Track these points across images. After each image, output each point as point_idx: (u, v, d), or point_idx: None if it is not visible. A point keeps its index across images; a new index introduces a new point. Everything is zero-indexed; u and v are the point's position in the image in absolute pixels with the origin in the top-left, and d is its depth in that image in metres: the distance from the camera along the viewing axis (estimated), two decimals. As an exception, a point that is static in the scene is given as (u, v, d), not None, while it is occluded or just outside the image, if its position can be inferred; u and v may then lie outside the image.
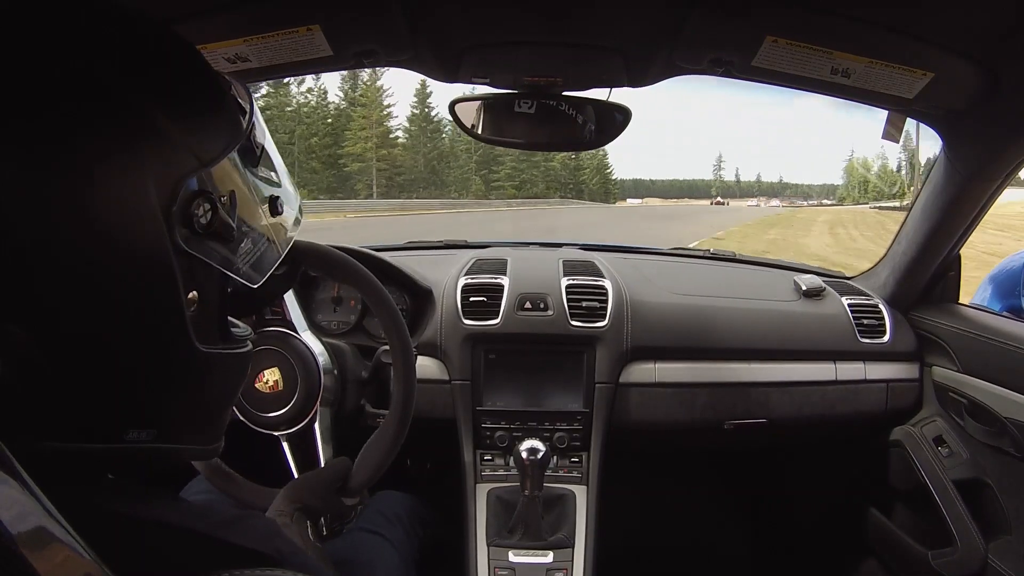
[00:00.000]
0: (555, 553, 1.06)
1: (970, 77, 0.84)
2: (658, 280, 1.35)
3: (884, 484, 1.36)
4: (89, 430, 0.37)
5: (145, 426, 0.39)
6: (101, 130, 0.34)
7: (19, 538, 0.24)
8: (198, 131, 0.38)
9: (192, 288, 0.39)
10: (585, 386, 1.17)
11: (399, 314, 0.80)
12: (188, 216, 0.37)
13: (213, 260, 0.40)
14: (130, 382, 0.38)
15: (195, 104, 0.39)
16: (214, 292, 0.42)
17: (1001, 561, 1.10)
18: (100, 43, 0.35)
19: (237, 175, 0.41)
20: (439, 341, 1.17)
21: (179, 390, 0.41)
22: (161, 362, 0.39)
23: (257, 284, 0.44)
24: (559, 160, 38.60)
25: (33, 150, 0.32)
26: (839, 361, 1.25)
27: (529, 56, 0.94)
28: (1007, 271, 1.48)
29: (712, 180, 57.11)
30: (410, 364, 0.80)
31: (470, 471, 1.16)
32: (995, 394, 1.09)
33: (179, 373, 0.40)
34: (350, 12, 0.82)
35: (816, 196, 53.15)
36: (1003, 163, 1.01)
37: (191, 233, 0.37)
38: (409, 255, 1.49)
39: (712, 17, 0.80)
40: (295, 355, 0.85)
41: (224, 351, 0.43)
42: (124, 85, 0.35)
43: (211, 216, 0.38)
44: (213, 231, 0.38)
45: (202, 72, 0.41)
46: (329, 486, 0.77)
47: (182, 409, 0.42)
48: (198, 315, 0.40)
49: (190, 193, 0.37)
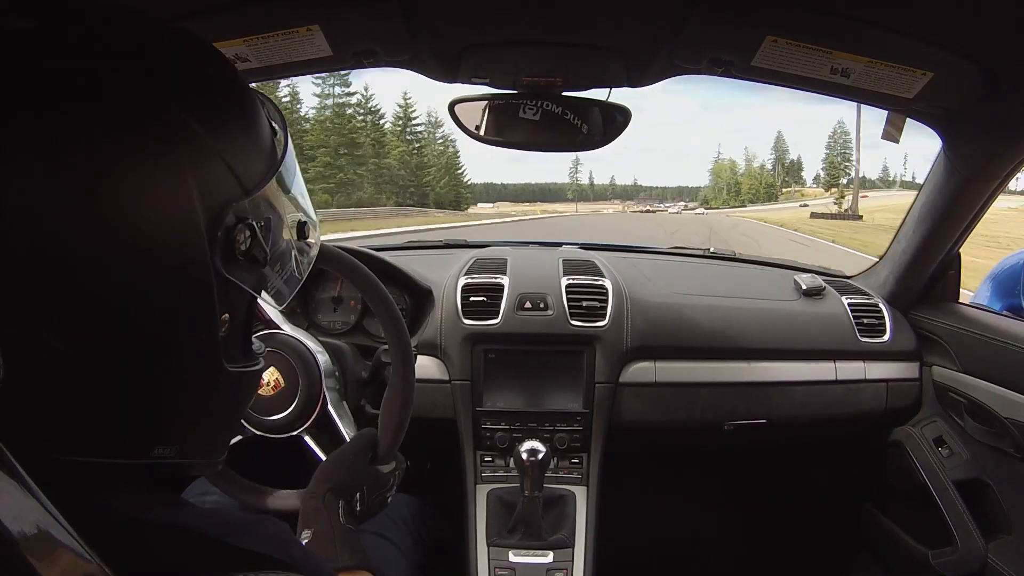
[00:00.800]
0: (555, 553, 1.06)
1: (970, 77, 0.84)
2: (658, 279, 1.35)
3: (884, 484, 1.36)
4: (120, 445, 0.37)
5: (171, 443, 0.40)
6: (144, 141, 0.34)
7: (21, 541, 0.24)
8: (239, 152, 0.38)
9: (225, 310, 0.39)
10: (585, 386, 1.17)
11: (398, 311, 0.80)
12: (229, 242, 0.38)
13: (247, 284, 0.40)
14: (162, 399, 0.38)
15: (235, 123, 0.39)
16: (243, 313, 0.42)
17: (1001, 561, 1.10)
18: (140, 55, 0.36)
19: (273, 201, 0.42)
20: (439, 341, 1.17)
21: (205, 408, 0.42)
22: (192, 381, 0.39)
23: (283, 305, 0.45)
24: (396, 155, 30.03)
25: (77, 163, 0.32)
26: (839, 360, 1.25)
27: (529, 56, 0.94)
28: (1007, 270, 1.48)
29: (568, 184, 54.86)
30: (405, 340, 0.79)
31: (470, 471, 1.16)
32: (995, 394, 1.09)
33: (207, 392, 0.41)
34: (350, 12, 0.82)
35: (672, 198, 52.46)
36: (1002, 163, 1.01)
37: (231, 258, 0.38)
38: (409, 255, 1.49)
39: (712, 17, 0.80)
40: (294, 355, 0.85)
41: (245, 369, 0.44)
42: (166, 99, 0.35)
43: (250, 243, 0.39)
44: (250, 256, 0.39)
45: (241, 90, 0.41)
46: (358, 458, 0.75)
47: (204, 426, 0.43)
48: (228, 336, 0.40)
49: (233, 220, 0.37)
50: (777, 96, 73.99)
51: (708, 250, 1.67)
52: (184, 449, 0.41)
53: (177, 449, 0.40)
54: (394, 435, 0.77)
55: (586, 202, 52.94)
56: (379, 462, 0.77)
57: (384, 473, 0.77)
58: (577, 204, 50.56)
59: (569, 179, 55.15)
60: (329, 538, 0.65)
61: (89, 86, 0.32)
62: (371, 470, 0.75)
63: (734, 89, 55.29)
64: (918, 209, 1.19)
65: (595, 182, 58.17)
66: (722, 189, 51.56)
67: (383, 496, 0.77)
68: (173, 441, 0.40)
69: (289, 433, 0.84)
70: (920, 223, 1.19)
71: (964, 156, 1.03)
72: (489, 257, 1.33)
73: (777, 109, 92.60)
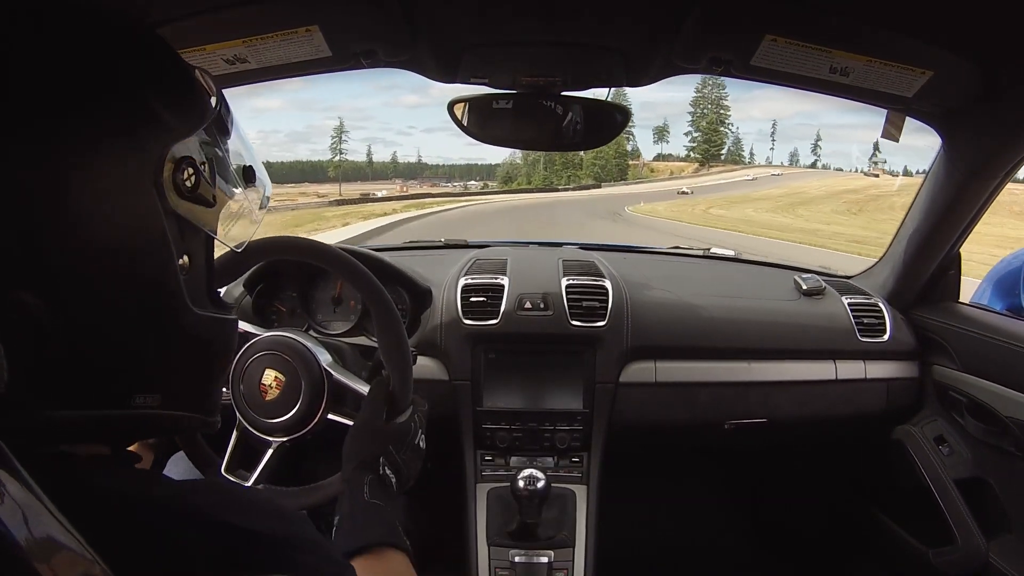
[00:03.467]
0: (555, 552, 1.06)
1: (969, 76, 0.84)
2: (658, 279, 1.35)
3: (885, 483, 1.36)
4: (100, 396, 0.39)
5: (151, 390, 0.41)
6: (96, 112, 0.37)
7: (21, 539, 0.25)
8: (176, 110, 0.42)
9: (182, 252, 0.42)
10: (585, 386, 1.17)
11: (394, 307, 0.79)
12: (175, 182, 0.41)
13: (201, 224, 0.43)
14: (134, 345, 0.40)
15: (176, 85, 0.43)
16: (202, 257, 0.45)
17: (1002, 559, 1.10)
18: (106, 48, 0.39)
19: (214, 145, 0.45)
20: (439, 341, 1.17)
21: (178, 353, 0.43)
22: (161, 325, 0.41)
23: (241, 248, 0.49)
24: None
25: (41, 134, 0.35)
26: (839, 360, 1.25)
27: (528, 56, 0.94)
28: (1007, 270, 1.48)
29: (329, 161, 45.09)
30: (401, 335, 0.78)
31: (471, 471, 1.16)
32: (995, 393, 1.08)
33: (177, 336, 0.43)
34: (349, 12, 0.82)
35: (461, 178, 45.38)
36: (1002, 161, 1.01)
37: (179, 197, 0.41)
38: (409, 255, 1.49)
39: (711, 16, 0.80)
40: (293, 355, 0.84)
41: (215, 315, 0.46)
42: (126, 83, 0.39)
43: (195, 180, 0.42)
44: (197, 196, 0.42)
45: (178, 61, 0.44)
46: (369, 422, 0.73)
47: (182, 374, 0.44)
48: (190, 279, 0.43)
49: (176, 160, 0.41)
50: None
51: (708, 250, 1.67)
52: (167, 398, 0.42)
53: (159, 398, 0.42)
54: (402, 381, 0.76)
55: (361, 182, 43.16)
56: (396, 413, 0.74)
57: (402, 423, 0.74)
58: (341, 185, 40.24)
59: (332, 153, 46.55)
60: (352, 518, 0.62)
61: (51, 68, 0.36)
62: (388, 428, 0.73)
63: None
64: (918, 208, 1.19)
65: (374, 159, 50.84)
66: (538, 163, 39.60)
67: (412, 445, 0.74)
68: (153, 389, 0.42)
69: (311, 424, 0.82)
70: (920, 222, 1.19)
71: (964, 155, 1.03)
72: (489, 257, 1.33)
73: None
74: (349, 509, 0.63)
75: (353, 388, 0.81)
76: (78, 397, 0.38)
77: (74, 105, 0.36)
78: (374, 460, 0.69)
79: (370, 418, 0.73)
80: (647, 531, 1.60)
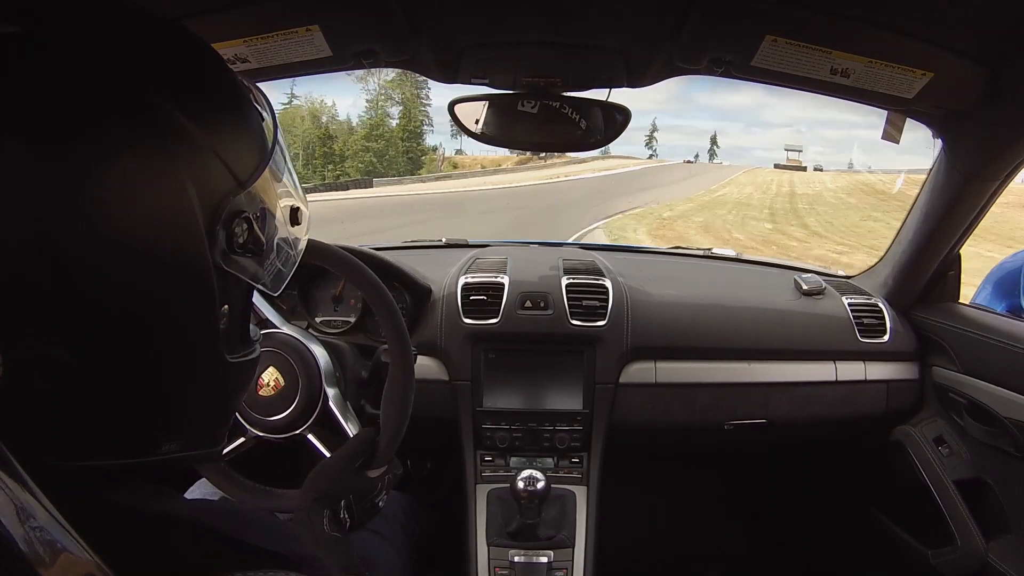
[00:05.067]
0: (555, 553, 1.06)
1: (970, 77, 0.84)
2: (658, 279, 1.35)
3: (884, 484, 1.36)
4: (129, 446, 0.38)
5: (177, 437, 0.40)
6: (137, 140, 0.33)
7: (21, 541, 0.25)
8: (231, 145, 0.38)
9: (224, 302, 0.39)
10: (585, 386, 1.17)
11: (398, 310, 0.80)
12: (228, 236, 0.37)
13: (245, 276, 0.40)
14: (168, 397, 0.39)
15: (226, 116, 0.39)
16: (240, 304, 0.42)
17: (1001, 560, 1.10)
18: (129, 51, 0.35)
19: (267, 191, 0.41)
20: (439, 340, 1.17)
21: (207, 400, 0.42)
22: (195, 376, 0.40)
23: (277, 292, 0.45)
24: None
25: (71, 165, 0.32)
26: (839, 361, 1.25)
27: (528, 56, 0.94)
28: (1007, 271, 1.48)
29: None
30: (405, 338, 0.78)
31: (470, 471, 1.16)
32: (995, 394, 1.08)
33: (208, 384, 0.41)
34: (350, 12, 0.82)
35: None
36: (1003, 163, 1.01)
37: (229, 251, 0.38)
38: (409, 254, 1.49)
39: (711, 17, 0.80)
40: (293, 354, 0.85)
41: (245, 359, 0.44)
42: (158, 97, 0.35)
43: (247, 235, 0.38)
44: (248, 248, 0.39)
45: (231, 81, 0.40)
46: (345, 465, 0.74)
47: (206, 417, 0.43)
48: (227, 329, 0.40)
49: (230, 214, 0.37)
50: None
51: (709, 250, 1.67)
52: (188, 442, 0.41)
53: (183, 443, 0.40)
54: (391, 439, 0.77)
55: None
56: (373, 466, 0.76)
57: (372, 479, 0.76)
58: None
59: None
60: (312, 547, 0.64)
61: (80, 87, 0.32)
62: (357, 478, 0.75)
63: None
64: (918, 209, 1.19)
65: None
66: (297, 159, 28.80)
67: (372, 503, 0.77)
68: (179, 435, 0.40)
69: (292, 432, 0.83)
70: (920, 223, 1.19)
71: (964, 156, 1.03)
72: (489, 256, 1.33)
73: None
74: (310, 539, 0.66)
75: (343, 425, 0.83)
76: (107, 448, 0.37)
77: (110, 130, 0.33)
78: (335, 501, 0.71)
79: (345, 462, 0.75)
80: (647, 531, 1.60)
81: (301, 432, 0.83)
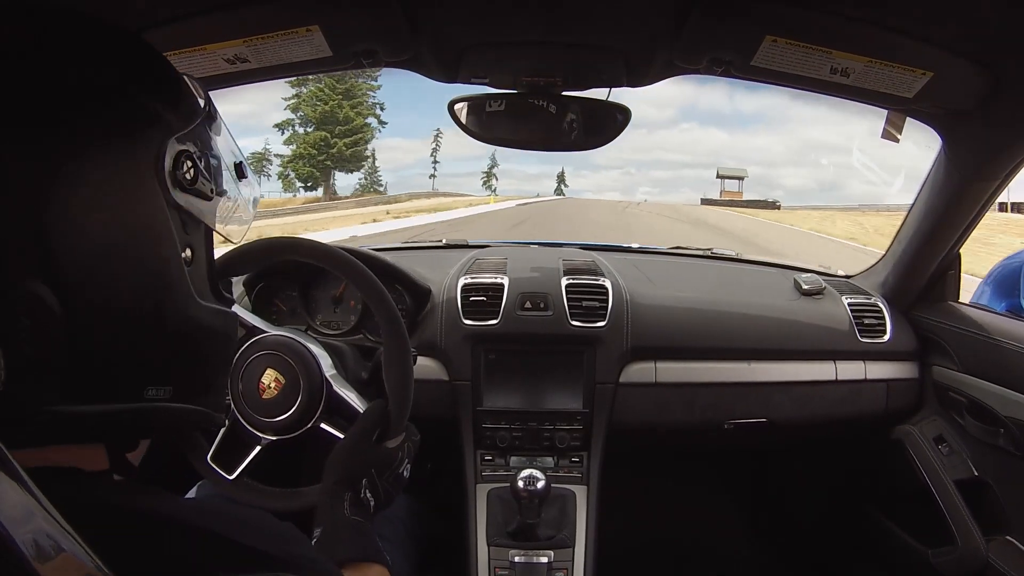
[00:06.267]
0: (555, 553, 1.06)
1: (970, 77, 0.84)
2: (658, 279, 1.35)
3: (884, 483, 1.36)
4: (113, 390, 0.39)
5: (161, 382, 0.42)
6: (100, 116, 0.38)
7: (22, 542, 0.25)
8: (171, 108, 0.43)
9: (186, 245, 0.44)
10: (585, 386, 1.17)
11: (395, 308, 0.79)
12: (175, 176, 0.42)
13: (197, 214, 0.44)
14: (144, 337, 0.41)
15: (168, 90, 0.44)
16: (203, 250, 0.46)
17: (1001, 560, 1.10)
18: (103, 56, 0.40)
19: (208, 140, 0.46)
20: (439, 341, 1.17)
21: (186, 345, 0.44)
22: (169, 316, 0.42)
23: (238, 240, 0.50)
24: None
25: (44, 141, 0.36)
26: (839, 360, 1.25)
27: (529, 56, 0.94)
28: (1007, 270, 1.48)
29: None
30: (406, 362, 0.78)
31: (471, 471, 1.16)
32: (995, 393, 1.09)
33: (184, 327, 0.44)
34: (350, 12, 0.82)
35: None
36: (1003, 163, 1.01)
37: (179, 191, 0.42)
38: (409, 255, 1.49)
39: (711, 17, 0.80)
40: (292, 355, 0.84)
41: (219, 307, 0.47)
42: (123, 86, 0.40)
43: (193, 173, 0.43)
44: (197, 189, 0.44)
45: (167, 67, 0.46)
46: (358, 443, 0.73)
47: (190, 366, 0.45)
48: (193, 271, 0.44)
49: (175, 152, 0.42)
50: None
51: (709, 250, 1.67)
52: (176, 391, 0.43)
53: (170, 390, 0.42)
54: (401, 404, 0.75)
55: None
56: (391, 436, 0.74)
57: (391, 449, 0.74)
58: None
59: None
60: (334, 533, 0.64)
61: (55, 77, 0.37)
62: (375, 451, 0.73)
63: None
64: (918, 209, 1.19)
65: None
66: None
67: (396, 474, 0.75)
68: (164, 381, 0.42)
69: (305, 427, 0.82)
70: (920, 223, 1.19)
71: (964, 156, 1.03)
72: (489, 257, 1.33)
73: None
74: (331, 524, 0.64)
75: (350, 403, 0.82)
76: (89, 392, 0.38)
77: (72, 106, 0.37)
78: (356, 480, 0.69)
79: (360, 437, 0.73)
80: (647, 531, 1.60)
81: (313, 424, 0.82)
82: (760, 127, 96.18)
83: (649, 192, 57.39)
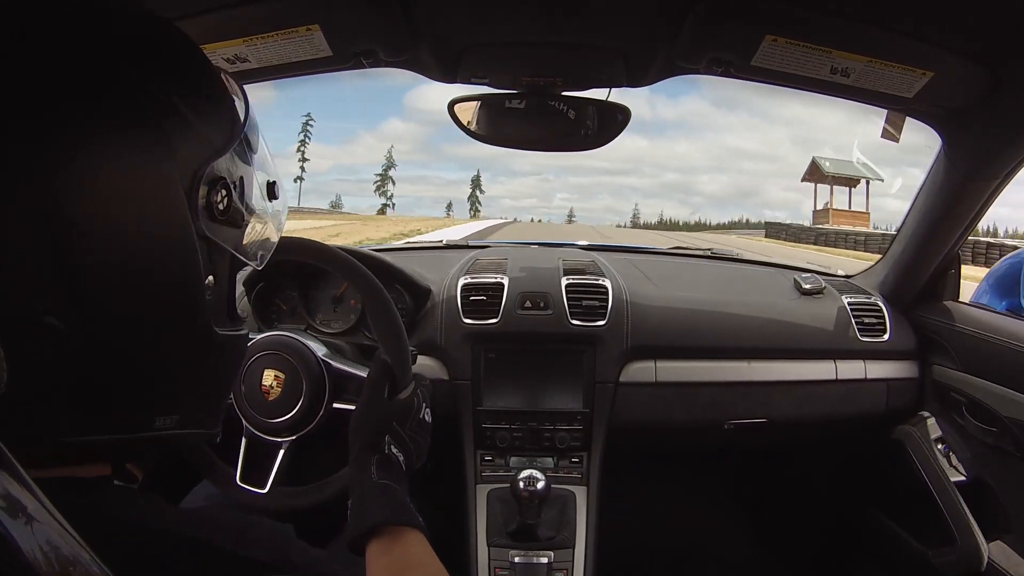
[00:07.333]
0: (555, 553, 1.06)
1: (970, 77, 0.84)
2: (658, 279, 1.35)
3: (884, 483, 1.36)
4: (124, 421, 0.38)
5: (170, 412, 0.41)
6: (130, 122, 0.36)
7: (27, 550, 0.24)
8: (209, 118, 0.40)
9: (209, 273, 0.41)
10: (585, 385, 1.17)
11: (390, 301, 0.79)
12: (208, 203, 0.39)
13: (228, 244, 0.42)
14: (159, 368, 0.39)
15: (205, 93, 0.41)
16: (225, 276, 0.44)
17: (1002, 560, 1.10)
18: (127, 46, 0.37)
19: (243, 162, 0.43)
20: (439, 340, 1.17)
21: (199, 374, 0.43)
22: (185, 347, 0.40)
23: (261, 266, 0.47)
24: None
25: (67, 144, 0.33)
26: (839, 360, 1.25)
27: (528, 56, 0.94)
28: (1007, 269, 1.48)
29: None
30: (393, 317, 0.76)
31: (470, 471, 1.16)
32: (995, 393, 1.08)
33: (199, 357, 0.42)
34: (350, 12, 0.82)
35: None
36: (1002, 163, 1.01)
37: (211, 219, 0.40)
38: (409, 255, 1.49)
39: (711, 17, 0.80)
40: (293, 354, 0.84)
41: (233, 333, 0.45)
42: (149, 81, 0.37)
43: (227, 202, 0.40)
44: (228, 217, 0.41)
45: (205, 62, 0.43)
46: (375, 396, 0.71)
47: (199, 393, 0.43)
48: (213, 299, 0.42)
49: (211, 180, 0.39)
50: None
51: (709, 250, 1.67)
52: (183, 418, 0.42)
53: (177, 419, 0.41)
54: (400, 355, 0.73)
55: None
56: (401, 386, 0.73)
57: (405, 398, 0.72)
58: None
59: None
60: (362, 499, 0.61)
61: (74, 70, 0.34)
62: (390, 405, 0.71)
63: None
64: (918, 208, 1.19)
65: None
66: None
67: (417, 420, 0.72)
68: (172, 411, 0.41)
69: (320, 414, 0.82)
70: (920, 223, 1.19)
71: (964, 156, 1.03)
72: (489, 257, 1.33)
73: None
74: (359, 492, 0.62)
75: (353, 373, 0.82)
76: (101, 422, 0.37)
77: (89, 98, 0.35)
78: (379, 439, 0.67)
79: (372, 397, 0.71)
80: (647, 531, 1.60)
81: (326, 408, 0.82)
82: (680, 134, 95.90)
83: (567, 199, 55.68)
